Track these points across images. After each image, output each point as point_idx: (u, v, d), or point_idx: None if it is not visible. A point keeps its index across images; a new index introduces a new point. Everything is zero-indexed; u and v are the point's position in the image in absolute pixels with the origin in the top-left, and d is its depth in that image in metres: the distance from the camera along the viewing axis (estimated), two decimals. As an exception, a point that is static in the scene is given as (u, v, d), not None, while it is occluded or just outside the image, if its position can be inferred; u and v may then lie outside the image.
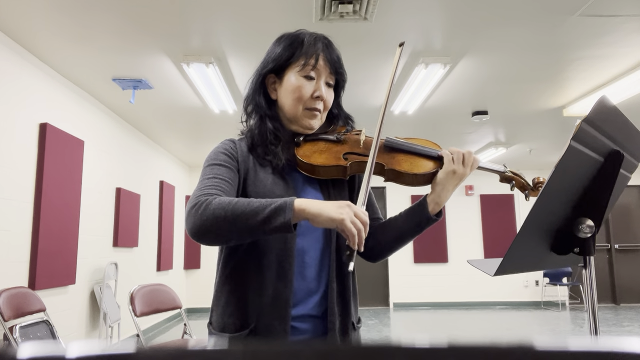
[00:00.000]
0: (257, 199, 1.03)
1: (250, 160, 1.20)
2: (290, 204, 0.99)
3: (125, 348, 0.27)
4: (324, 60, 1.22)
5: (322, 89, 1.22)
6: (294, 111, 1.22)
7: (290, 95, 1.21)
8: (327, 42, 1.25)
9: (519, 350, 0.27)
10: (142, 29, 3.44)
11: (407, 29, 3.46)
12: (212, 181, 1.09)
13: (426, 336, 0.27)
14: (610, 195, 1.00)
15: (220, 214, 1.00)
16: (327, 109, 1.26)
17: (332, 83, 1.26)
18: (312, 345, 0.27)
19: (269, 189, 1.15)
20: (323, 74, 1.22)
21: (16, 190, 3.60)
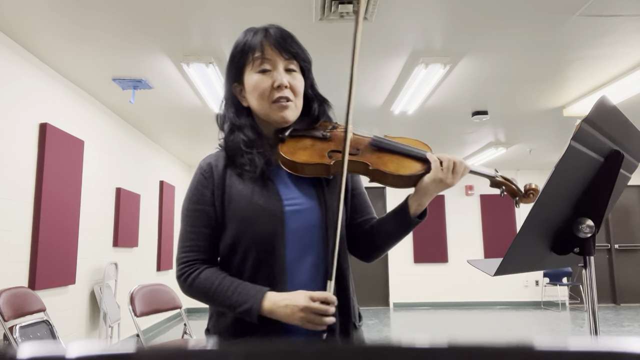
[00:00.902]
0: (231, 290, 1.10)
1: (228, 176, 1.17)
2: (255, 312, 1.06)
3: (125, 348, 0.27)
4: (270, 47, 1.16)
5: (281, 77, 1.15)
6: (263, 109, 1.17)
7: (253, 95, 1.17)
8: (269, 29, 1.19)
9: (519, 350, 0.27)
10: (142, 29, 3.44)
11: (407, 29, 3.46)
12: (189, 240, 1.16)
13: (426, 336, 0.27)
14: (610, 195, 1.00)
15: (202, 297, 1.13)
16: (298, 95, 1.19)
17: (294, 68, 1.19)
18: (312, 345, 0.27)
19: (249, 200, 1.13)
20: (278, 61, 1.16)
21: (16, 190, 3.60)
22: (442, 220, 9.08)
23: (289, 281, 1.11)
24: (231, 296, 1.09)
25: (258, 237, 1.11)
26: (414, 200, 1.17)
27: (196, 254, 1.15)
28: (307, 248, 1.14)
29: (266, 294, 1.07)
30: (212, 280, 1.11)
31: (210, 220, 1.16)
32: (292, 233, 1.12)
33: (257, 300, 1.06)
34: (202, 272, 1.13)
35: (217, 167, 1.19)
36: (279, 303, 1.06)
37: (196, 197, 1.17)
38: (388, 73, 4.29)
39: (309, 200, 1.17)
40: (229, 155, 1.19)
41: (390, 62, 4.06)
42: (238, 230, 1.13)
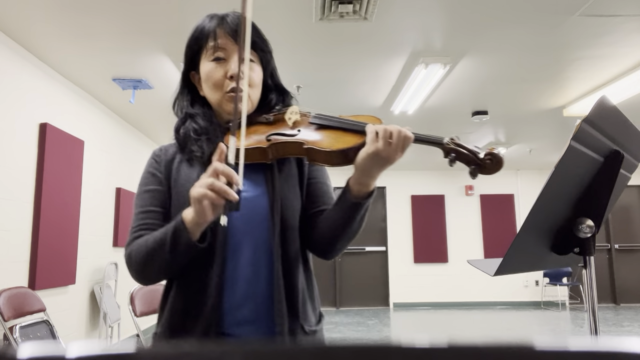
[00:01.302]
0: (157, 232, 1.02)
1: (176, 162, 1.13)
2: (179, 223, 0.97)
3: (125, 348, 0.27)
4: (225, 36, 1.10)
5: (234, 66, 1.08)
6: (216, 99, 1.12)
7: (207, 85, 1.12)
8: (226, 16, 1.12)
9: (519, 350, 0.27)
10: (142, 29, 3.44)
11: (407, 29, 3.46)
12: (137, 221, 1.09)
13: (426, 336, 0.27)
14: (610, 195, 1.00)
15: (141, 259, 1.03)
16: (255, 87, 1.13)
17: (251, 58, 1.12)
18: (312, 345, 0.27)
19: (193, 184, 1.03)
20: (233, 50, 1.10)
21: (16, 190, 3.60)
22: (442, 220, 9.08)
23: (228, 267, 1.04)
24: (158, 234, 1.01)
25: None
26: (354, 179, 1.03)
27: (144, 232, 1.07)
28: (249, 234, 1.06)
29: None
30: (145, 238, 1.05)
31: (159, 199, 1.11)
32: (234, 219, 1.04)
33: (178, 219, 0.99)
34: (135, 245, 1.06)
35: (167, 151, 1.17)
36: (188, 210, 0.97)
37: (146, 180, 1.14)
38: (388, 73, 4.28)
39: (256, 188, 1.10)
40: (180, 144, 1.15)
41: (390, 62, 4.06)
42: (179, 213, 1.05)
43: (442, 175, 9.22)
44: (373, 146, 0.96)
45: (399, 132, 0.96)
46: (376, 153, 0.96)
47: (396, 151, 0.97)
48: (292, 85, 4.41)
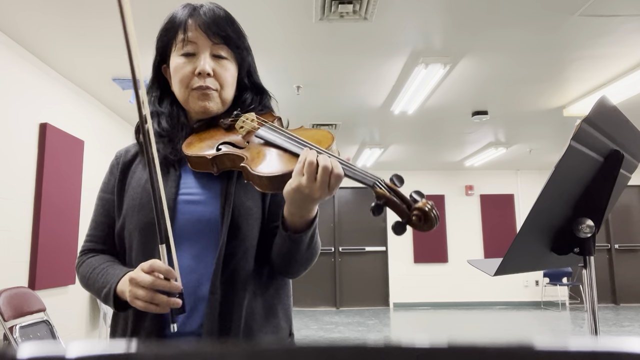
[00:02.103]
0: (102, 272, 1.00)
1: (135, 163, 1.09)
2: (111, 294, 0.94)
3: (125, 348, 0.27)
4: (197, 29, 1.02)
5: (204, 63, 1.01)
6: (182, 96, 1.05)
7: (174, 80, 1.05)
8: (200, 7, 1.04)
9: (519, 350, 0.27)
10: (142, 29, 3.43)
11: (407, 29, 3.46)
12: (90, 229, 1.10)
13: (426, 336, 0.27)
14: (610, 195, 1.00)
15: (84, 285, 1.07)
16: (224, 86, 1.04)
17: (223, 54, 1.04)
18: (312, 345, 0.27)
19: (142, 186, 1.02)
20: (204, 45, 1.02)
21: (16, 190, 3.60)
22: (442, 220, 9.08)
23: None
24: (99, 279, 0.98)
25: (142, 223, 0.99)
26: (286, 210, 0.92)
27: (92, 244, 1.07)
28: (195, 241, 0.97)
29: (127, 274, 0.92)
30: (92, 265, 1.03)
31: (109, 209, 1.07)
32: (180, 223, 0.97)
33: (115, 281, 0.94)
34: (89, 259, 1.05)
35: (127, 154, 1.11)
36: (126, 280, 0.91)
37: (104, 185, 1.11)
38: (388, 73, 4.28)
39: (208, 193, 1.01)
40: (139, 144, 1.08)
41: (390, 62, 4.06)
42: (126, 216, 1.02)
43: (442, 175, 9.22)
44: (296, 180, 0.84)
45: (324, 169, 0.82)
46: (298, 188, 0.84)
47: (321, 189, 0.83)
48: (292, 85, 4.41)
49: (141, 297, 0.86)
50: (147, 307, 0.86)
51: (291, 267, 1.00)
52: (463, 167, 8.83)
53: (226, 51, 1.05)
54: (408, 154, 7.80)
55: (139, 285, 0.86)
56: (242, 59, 1.09)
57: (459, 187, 9.20)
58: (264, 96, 1.13)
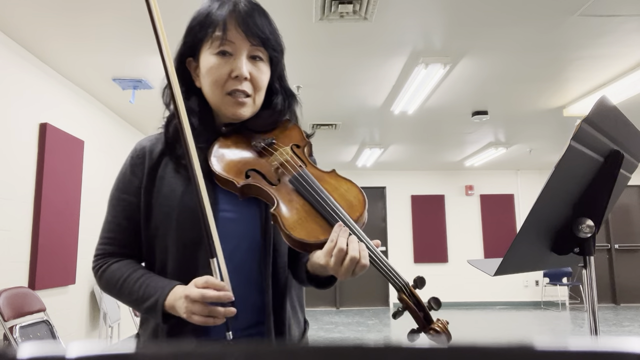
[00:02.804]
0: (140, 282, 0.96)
1: (163, 165, 1.02)
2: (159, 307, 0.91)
3: (125, 348, 0.27)
4: (236, 28, 0.97)
5: (241, 66, 0.97)
6: (215, 99, 1.00)
7: (207, 80, 1.00)
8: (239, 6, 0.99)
9: (519, 350, 0.27)
10: (142, 29, 3.44)
11: (407, 29, 3.46)
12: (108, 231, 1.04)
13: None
14: (610, 195, 1.00)
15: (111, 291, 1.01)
16: (259, 90, 1.01)
17: (260, 56, 1.00)
18: (312, 345, 0.27)
19: (179, 199, 0.97)
20: (242, 46, 0.97)
21: (16, 190, 3.60)
22: (442, 220, 9.08)
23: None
24: (138, 289, 0.95)
25: (181, 241, 0.96)
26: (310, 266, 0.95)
27: (113, 247, 1.02)
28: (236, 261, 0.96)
29: (175, 286, 0.92)
30: (122, 272, 0.98)
31: (133, 212, 1.01)
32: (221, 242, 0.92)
33: (163, 294, 0.91)
34: (114, 264, 1.01)
35: (152, 153, 1.03)
36: (178, 295, 0.89)
37: (122, 184, 1.04)
38: (388, 73, 4.28)
39: (243, 211, 0.99)
40: (168, 142, 1.02)
41: (390, 62, 4.06)
42: (162, 229, 0.98)
43: (442, 175, 9.22)
44: (324, 259, 0.86)
45: (352, 259, 0.84)
46: (324, 265, 0.87)
47: (345, 275, 0.86)
48: (292, 85, 4.40)
49: (198, 312, 0.86)
50: (206, 321, 0.87)
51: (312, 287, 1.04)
52: (463, 167, 8.83)
53: (263, 52, 1.01)
54: (408, 154, 7.80)
55: (194, 301, 0.86)
56: (277, 62, 1.06)
57: (459, 187, 9.20)
58: (292, 100, 1.11)
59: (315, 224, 0.91)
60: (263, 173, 0.98)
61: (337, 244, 0.85)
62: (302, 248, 0.91)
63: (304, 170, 0.98)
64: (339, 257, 0.84)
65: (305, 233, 0.90)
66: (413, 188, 9.15)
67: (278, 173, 0.98)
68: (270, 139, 1.03)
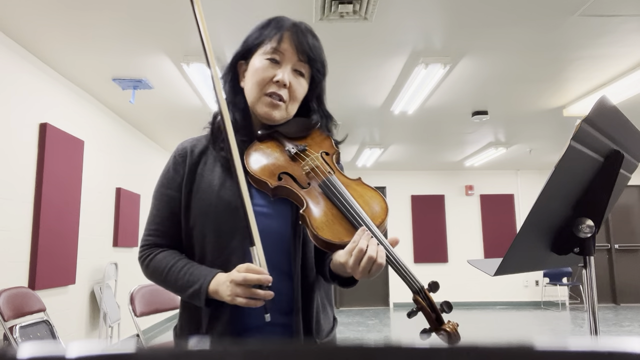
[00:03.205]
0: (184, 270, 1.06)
1: (202, 164, 1.13)
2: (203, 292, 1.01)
3: (125, 348, 0.27)
4: (290, 43, 1.10)
5: (284, 74, 1.09)
6: (253, 96, 1.11)
7: (252, 79, 1.11)
8: (299, 26, 1.15)
9: (519, 350, 0.27)
10: (142, 29, 3.44)
11: (407, 29, 3.46)
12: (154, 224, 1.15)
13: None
14: (610, 195, 1.00)
15: (157, 278, 1.11)
16: (294, 100, 1.12)
17: (303, 72, 1.12)
18: (312, 345, 0.27)
19: (216, 193, 1.07)
20: (290, 59, 1.10)
21: (16, 190, 3.60)
22: (442, 220, 9.08)
23: None
24: (183, 277, 1.05)
25: (217, 232, 1.06)
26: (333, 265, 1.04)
27: (158, 239, 1.13)
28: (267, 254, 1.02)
29: (217, 274, 1.02)
30: (167, 261, 1.09)
31: (175, 206, 1.12)
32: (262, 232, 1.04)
33: (206, 280, 1.02)
34: (159, 253, 1.11)
35: (193, 152, 1.14)
36: (221, 280, 1.00)
37: (166, 180, 1.14)
38: (388, 73, 4.28)
39: (274, 208, 1.09)
40: (214, 133, 1.13)
41: (390, 62, 4.06)
42: (200, 221, 1.09)
43: (442, 175, 9.22)
44: (344, 257, 0.95)
45: (369, 259, 0.93)
46: (344, 264, 0.96)
47: (362, 274, 0.95)
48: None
49: (241, 294, 0.96)
50: (248, 302, 0.96)
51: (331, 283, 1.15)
52: (463, 167, 8.83)
53: (306, 70, 1.13)
54: (408, 154, 7.80)
55: (237, 284, 0.96)
56: (318, 81, 1.16)
57: (459, 187, 9.20)
58: (330, 121, 1.20)
59: (340, 226, 1.00)
60: (294, 176, 1.07)
61: (358, 245, 0.94)
62: (327, 247, 1.00)
63: (333, 176, 1.07)
64: (358, 256, 0.93)
65: (331, 234, 0.99)
66: (413, 188, 9.15)
67: (308, 177, 1.07)
68: (303, 146, 1.12)
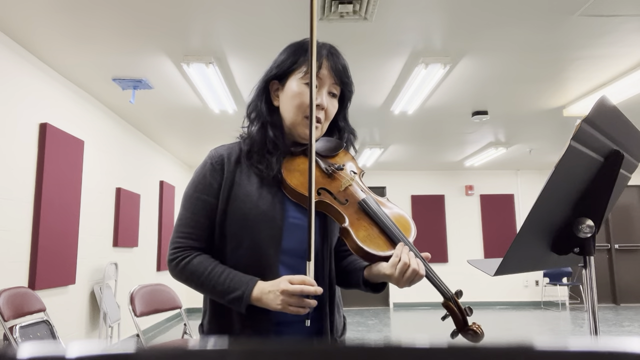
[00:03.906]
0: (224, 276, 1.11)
1: (238, 172, 1.18)
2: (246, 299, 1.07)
3: (125, 348, 0.27)
4: (328, 68, 1.18)
5: (323, 97, 1.18)
6: (294, 118, 1.18)
7: (291, 102, 1.18)
8: (333, 50, 1.22)
9: (519, 350, 0.27)
10: (142, 29, 3.44)
11: (407, 29, 3.46)
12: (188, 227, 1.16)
13: (426, 336, 0.27)
14: (610, 195, 1.00)
15: (192, 282, 1.14)
16: (328, 119, 1.22)
17: (336, 93, 1.22)
18: (312, 345, 0.27)
19: (254, 203, 1.14)
20: (326, 82, 1.19)
21: (16, 190, 3.60)
22: (442, 220, 9.08)
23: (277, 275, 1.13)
24: (223, 282, 1.10)
25: (254, 241, 1.12)
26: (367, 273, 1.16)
27: (192, 242, 1.16)
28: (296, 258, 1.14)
29: (258, 282, 1.09)
30: (205, 265, 1.12)
31: (211, 211, 1.16)
32: (288, 244, 1.14)
33: (248, 288, 1.08)
34: (196, 257, 1.14)
35: (230, 160, 1.19)
36: (265, 289, 1.07)
37: (202, 185, 1.17)
38: (388, 73, 4.28)
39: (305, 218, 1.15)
40: (249, 149, 1.19)
41: (390, 62, 4.06)
42: (236, 230, 1.14)
43: (442, 175, 9.22)
44: (389, 270, 1.07)
45: (413, 272, 1.06)
46: (388, 276, 1.07)
47: (405, 283, 1.07)
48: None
49: (294, 303, 1.04)
50: (298, 311, 1.04)
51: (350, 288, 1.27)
52: (463, 167, 8.83)
53: (338, 91, 1.22)
54: (408, 154, 7.80)
55: (291, 295, 1.03)
56: (347, 101, 1.28)
57: (459, 187, 9.19)
58: (354, 137, 1.32)
59: (380, 240, 1.11)
60: (333, 193, 1.16)
61: (401, 258, 1.06)
62: (368, 259, 1.10)
63: (370, 195, 1.19)
64: (402, 269, 1.05)
65: (374, 247, 1.09)
66: (413, 188, 9.15)
67: (346, 194, 1.16)
68: (340, 165, 1.22)
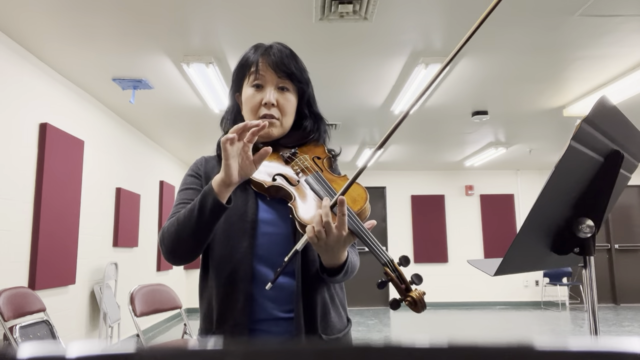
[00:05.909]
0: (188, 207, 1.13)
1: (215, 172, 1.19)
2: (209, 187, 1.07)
3: (125, 348, 0.27)
4: (264, 64, 1.21)
5: (269, 94, 1.20)
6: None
7: (245, 108, 1.24)
8: (272, 48, 1.24)
9: (519, 350, 0.27)
10: (142, 29, 3.44)
11: (407, 29, 3.46)
12: (176, 208, 1.21)
13: (426, 336, 0.27)
14: (610, 195, 1.00)
15: (172, 233, 1.12)
16: (286, 114, 1.23)
17: (287, 87, 1.23)
18: (312, 346, 0.27)
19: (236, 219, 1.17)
20: (271, 80, 1.21)
21: (16, 190, 3.60)
22: (442, 220, 9.08)
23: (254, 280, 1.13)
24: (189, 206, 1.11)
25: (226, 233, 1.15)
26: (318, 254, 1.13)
27: None
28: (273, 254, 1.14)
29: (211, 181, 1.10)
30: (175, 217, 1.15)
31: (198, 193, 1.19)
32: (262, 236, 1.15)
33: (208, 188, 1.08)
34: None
35: (209, 162, 1.29)
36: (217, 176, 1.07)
37: (188, 180, 1.28)
38: (388, 73, 4.29)
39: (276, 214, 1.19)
40: (219, 156, 1.23)
41: (390, 62, 4.06)
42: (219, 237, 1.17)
43: (442, 175, 9.22)
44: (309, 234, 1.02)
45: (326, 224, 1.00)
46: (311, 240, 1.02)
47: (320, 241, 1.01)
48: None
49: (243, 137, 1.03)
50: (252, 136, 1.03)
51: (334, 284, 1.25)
52: (463, 167, 8.83)
53: (289, 84, 1.23)
54: (408, 154, 7.80)
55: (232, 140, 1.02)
56: (302, 91, 1.27)
57: (459, 187, 9.20)
58: (320, 122, 1.33)
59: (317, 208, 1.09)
60: (286, 176, 1.18)
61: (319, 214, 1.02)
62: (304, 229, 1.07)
63: (319, 173, 1.18)
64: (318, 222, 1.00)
65: (308, 217, 1.07)
66: (413, 188, 9.15)
67: (298, 176, 1.18)
68: (294, 150, 1.24)
